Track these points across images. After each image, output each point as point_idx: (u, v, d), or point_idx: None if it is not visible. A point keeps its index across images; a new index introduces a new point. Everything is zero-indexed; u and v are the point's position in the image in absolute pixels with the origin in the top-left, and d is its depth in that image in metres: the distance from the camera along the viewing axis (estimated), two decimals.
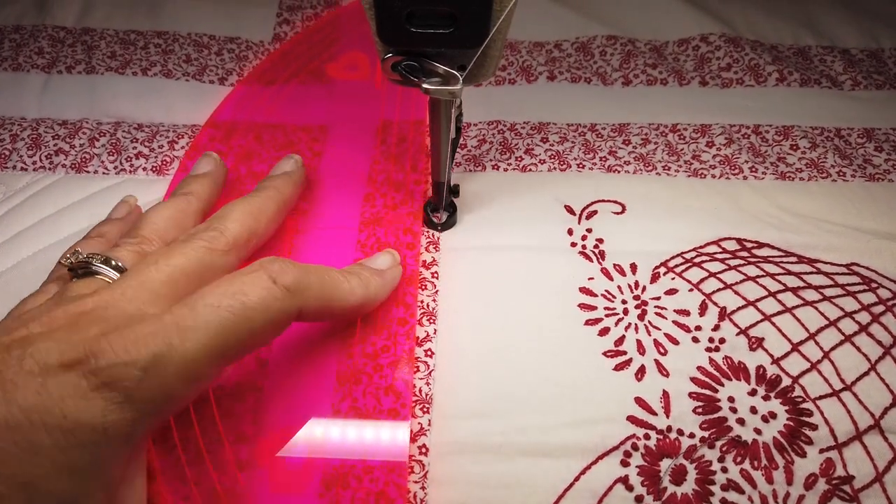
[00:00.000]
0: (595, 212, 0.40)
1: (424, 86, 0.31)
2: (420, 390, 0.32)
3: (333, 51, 0.51)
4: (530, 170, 0.42)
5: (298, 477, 0.29)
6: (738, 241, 0.38)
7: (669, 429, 0.31)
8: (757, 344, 0.34)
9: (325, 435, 0.30)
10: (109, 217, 0.37)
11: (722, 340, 0.34)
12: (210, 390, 0.31)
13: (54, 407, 0.21)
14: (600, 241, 0.38)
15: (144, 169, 0.42)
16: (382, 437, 0.30)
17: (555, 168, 0.42)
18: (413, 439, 0.30)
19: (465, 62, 0.31)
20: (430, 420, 0.31)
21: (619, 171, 0.42)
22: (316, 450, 0.30)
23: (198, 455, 0.29)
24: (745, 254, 0.38)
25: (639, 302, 0.36)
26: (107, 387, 0.22)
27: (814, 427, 0.31)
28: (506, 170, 0.42)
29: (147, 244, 0.32)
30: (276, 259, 0.28)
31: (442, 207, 0.39)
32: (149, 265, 0.28)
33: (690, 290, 0.36)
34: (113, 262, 0.29)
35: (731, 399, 0.32)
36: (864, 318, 0.35)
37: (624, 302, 0.36)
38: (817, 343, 0.34)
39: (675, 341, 0.34)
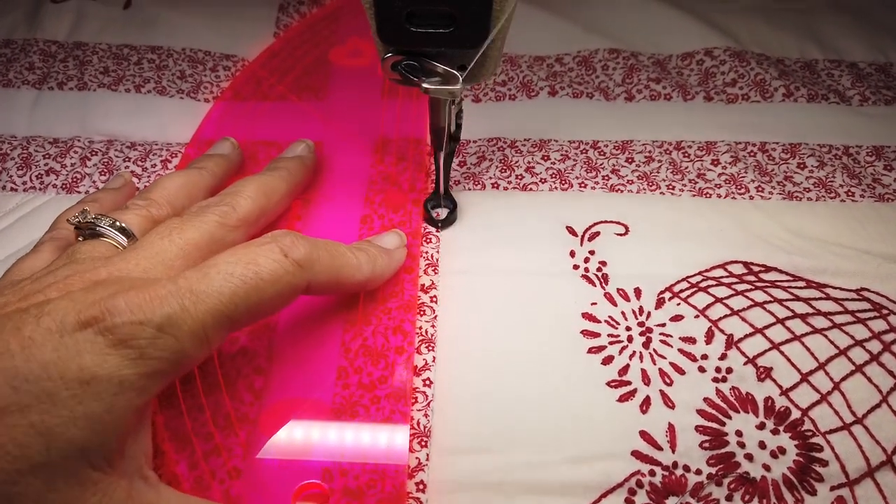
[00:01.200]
0: (598, 233, 0.39)
1: (424, 85, 0.31)
2: (418, 423, 0.31)
3: (331, 59, 0.50)
4: (531, 189, 0.41)
5: None
6: (745, 264, 0.37)
7: (675, 464, 0.30)
8: (765, 374, 0.33)
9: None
10: (105, 187, 0.37)
11: (729, 370, 0.33)
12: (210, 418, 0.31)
13: (71, 361, 0.22)
14: (603, 263, 0.37)
15: (137, 189, 0.41)
16: (379, 475, 0.29)
17: (556, 188, 0.41)
18: (411, 475, 0.29)
19: (465, 62, 0.30)
20: (427, 454, 0.30)
21: (621, 191, 0.41)
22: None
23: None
24: (752, 278, 0.37)
25: (643, 329, 0.35)
26: (122, 344, 0.23)
27: (824, 463, 0.30)
28: (506, 188, 0.41)
29: (156, 207, 0.33)
30: (288, 233, 0.29)
31: (441, 205, 0.39)
32: (162, 237, 0.29)
33: (696, 316, 0.35)
34: (119, 224, 0.30)
35: (738, 433, 0.31)
36: (874, 346, 0.34)
37: (628, 329, 0.35)
38: (827, 373, 0.33)
39: (680, 371, 0.33)
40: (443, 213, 0.40)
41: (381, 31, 0.29)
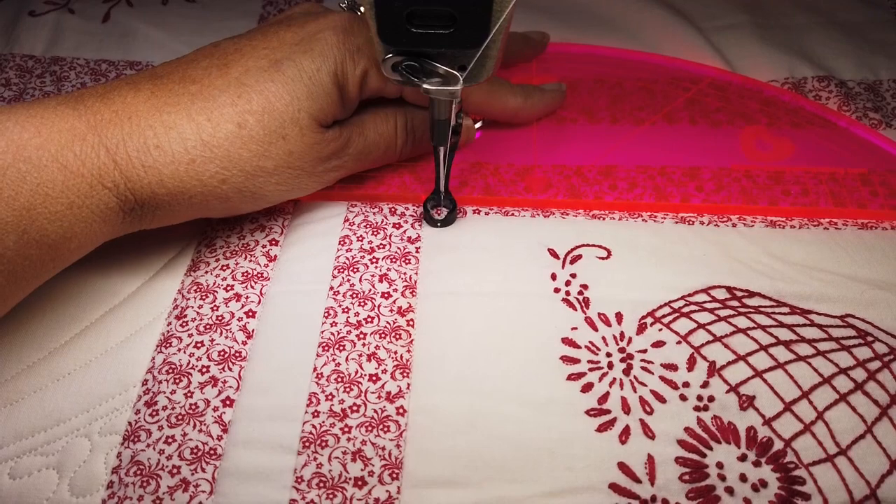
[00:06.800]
0: (580, 256, 0.38)
1: (425, 86, 0.31)
2: (390, 453, 0.30)
3: None
4: (512, 215, 0.41)
5: None
6: (728, 289, 0.37)
7: (654, 498, 0.29)
8: (748, 403, 0.32)
9: None
10: None
11: (711, 398, 0.32)
12: None
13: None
14: (584, 287, 0.37)
15: None
16: None
17: (538, 214, 0.41)
18: None
19: (465, 62, 0.31)
20: (399, 487, 0.29)
21: (603, 219, 0.40)
22: None
23: None
24: (735, 303, 0.36)
25: (624, 355, 0.34)
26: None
27: (806, 497, 0.29)
28: (487, 214, 0.41)
29: None
30: None
31: (441, 205, 0.39)
32: None
33: (678, 342, 0.34)
34: None
35: (719, 465, 0.30)
36: (859, 374, 0.33)
37: (609, 355, 0.34)
38: (811, 402, 0.32)
39: (661, 399, 0.32)
40: (443, 213, 0.39)
41: (381, 31, 0.30)
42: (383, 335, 0.34)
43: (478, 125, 0.44)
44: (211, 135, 0.32)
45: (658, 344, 0.34)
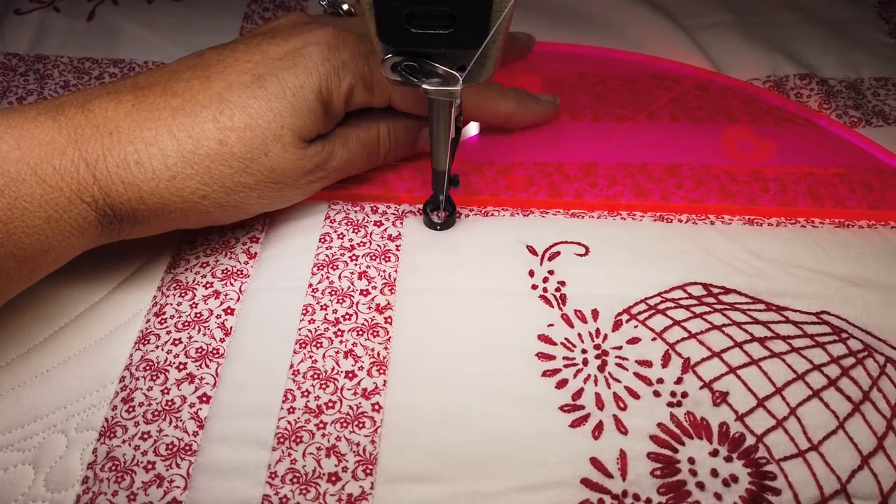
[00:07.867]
0: (558, 253, 0.38)
1: (424, 87, 0.31)
2: (364, 449, 0.30)
3: None
4: (493, 214, 0.41)
5: None
6: (705, 286, 0.37)
7: (625, 493, 0.29)
8: (721, 399, 0.32)
9: None
10: None
11: (685, 394, 0.32)
12: None
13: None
14: (562, 283, 0.37)
15: None
16: None
17: (517, 213, 0.41)
18: None
19: (465, 62, 0.31)
20: (372, 483, 0.29)
21: (583, 217, 0.40)
22: None
23: None
24: (711, 300, 0.36)
25: (599, 352, 0.34)
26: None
27: (777, 492, 0.29)
28: (467, 216, 0.41)
29: None
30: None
31: (441, 206, 0.39)
32: None
33: (653, 339, 0.35)
34: None
35: (691, 460, 0.30)
36: (833, 371, 0.33)
37: (584, 351, 0.34)
38: (784, 398, 0.32)
39: (635, 395, 0.32)
40: (442, 215, 0.40)
41: (380, 31, 0.29)
42: (361, 332, 0.34)
43: (476, 130, 0.44)
44: (192, 152, 0.32)
45: (633, 341, 0.35)
